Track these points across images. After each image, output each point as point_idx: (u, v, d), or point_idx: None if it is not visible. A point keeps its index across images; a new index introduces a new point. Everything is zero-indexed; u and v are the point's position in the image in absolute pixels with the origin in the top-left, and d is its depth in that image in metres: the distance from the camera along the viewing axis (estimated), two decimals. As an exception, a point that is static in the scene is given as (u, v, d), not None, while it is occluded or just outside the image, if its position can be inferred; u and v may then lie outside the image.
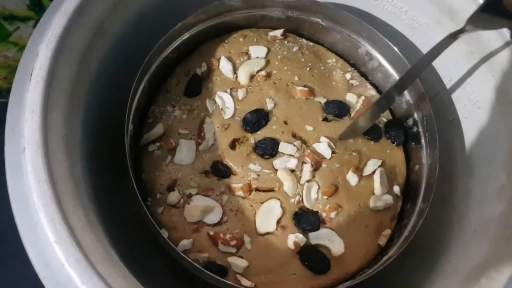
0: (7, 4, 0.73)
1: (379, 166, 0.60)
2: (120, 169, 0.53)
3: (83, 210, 0.44)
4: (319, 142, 0.60)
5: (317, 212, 0.57)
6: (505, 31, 0.55)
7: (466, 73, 0.61)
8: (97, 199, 0.50)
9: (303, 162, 0.58)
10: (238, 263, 0.54)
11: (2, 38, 0.77)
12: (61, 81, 0.47)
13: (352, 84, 0.66)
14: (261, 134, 0.60)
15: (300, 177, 0.58)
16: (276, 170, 0.58)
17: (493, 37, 0.57)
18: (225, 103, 0.60)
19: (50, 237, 0.40)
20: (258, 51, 0.64)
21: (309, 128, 0.60)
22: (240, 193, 0.56)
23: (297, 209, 0.57)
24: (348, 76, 0.66)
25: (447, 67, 0.64)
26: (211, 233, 0.55)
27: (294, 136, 0.60)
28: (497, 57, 0.57)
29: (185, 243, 0.54)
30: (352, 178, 0.59)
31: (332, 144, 0.60)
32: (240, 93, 0.61)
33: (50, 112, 0.45)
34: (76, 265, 0.39)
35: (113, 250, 0.45)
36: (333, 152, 0.60)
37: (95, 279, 0.39)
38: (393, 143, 0.63)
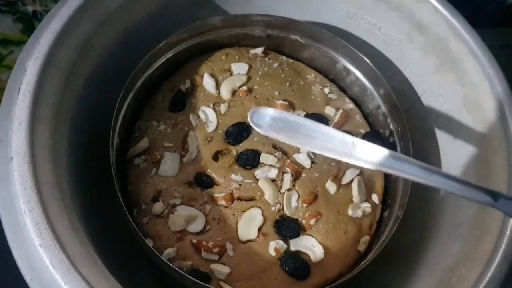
0: (2, 28, 0.76)
1: (357, 175, 0.63)
2: (106, 180, 0.55)
3: (67, 216, 0.46)
4: (299, 152, 0.62)
5: (297, 219, 0.59)
6: (471, 42, 0.59)
7: (437, 84, 0.64)
8: (83, 208, 0.52)
9: (284, 172, 0.61)
10: (220, 269, 0.56)
11: (-4, 62, 0.80)
12: (48, 95, 0.49)
13: (330, 98, 0.69)
14: (243, 146, 0.62)
15: (281, 186, 0.60)
16: (258, 180, 0.60)
17: (460, 50, 0.60)
18: (208, 117, 0.63)
19: (35, 241, 0.42)
20: (239, 68, 0.67)
21: (289, 139, 0.63)
22: (223, 202, 0.58)
23: (277, 217, 0.59)
24: (326, 90, 0.69)
25: (420, 79, 0.66)
26: (194, 241, 0.57)
27: (274, 147, 0.63)
28: (464, 69, 0.59)
29: (169, 251, 0.56)
30: (331, 187, 0.61)
31: (311, 154, 0.62)
32: (223, 108, 0.64)
33: (37, 124, 0.47)
34: (59, 267, 0.41)
35: (97, 255, 0.47)
36: (312, 162, 0.62)
37: (77, 280, 0.41)
38: (371, 153, 0.66)
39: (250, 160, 0.61)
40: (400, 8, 0.64)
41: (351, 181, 0.62)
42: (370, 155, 0.43)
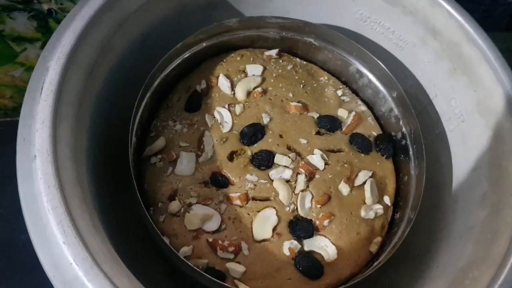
0: (16, 26, 0.77)
1: (370, 177, 0.63)
2: (124, 179, 0.56)
3: (88, 214, 0.47)
4: (313, 154, 0.63)
5: (311, 220, 0.60)
6: (484, 47, 0.59)
7: (450, 88, 0.65)
8: (102, 205, 0.52)
9: (298, 173, 0.62)
10: (236, 268, 0.56)
11: (9, 59, 0.81)
12: (69, 94, 0.50)
13: (343, 100, 0.70)
14: (257, 146, 0.63)
15: (295, 187, 0.61)
16: (272, 180, 0.61)
17: (473, 55, 0.60)
18: (223, 118, 0.64)
19: (59, 239, 0.42)
20: (254, 69, 0.68)
21: (303, 141, 0.64)
22: (238, 202, 0.59)
23: (292, 217, 0.60)
24: (339, 92, 0.70)
25: (433, 83, 0.67)
26: (210, 240, 0.57)
27: (289, 148, 0.63)
28: (478, 73, 0.60)
29: (185, 249, 0.57)
30: (344, 188, 0.62)
31: (325, 156, 0.63)
32: (238, 109, 0.64)
33: (59, 123, 0.48)
34: (82, 264, 0.42)
35: (116, 252, 0.48)
36: (326, 164, 0.63)
37: (100, 277, 0.42)
38: (383, 155, 0.66)
39: (264, 161, 0.61)
40: (415, 13, 0.64)
41: (364, 182, 0.63)
42: None
